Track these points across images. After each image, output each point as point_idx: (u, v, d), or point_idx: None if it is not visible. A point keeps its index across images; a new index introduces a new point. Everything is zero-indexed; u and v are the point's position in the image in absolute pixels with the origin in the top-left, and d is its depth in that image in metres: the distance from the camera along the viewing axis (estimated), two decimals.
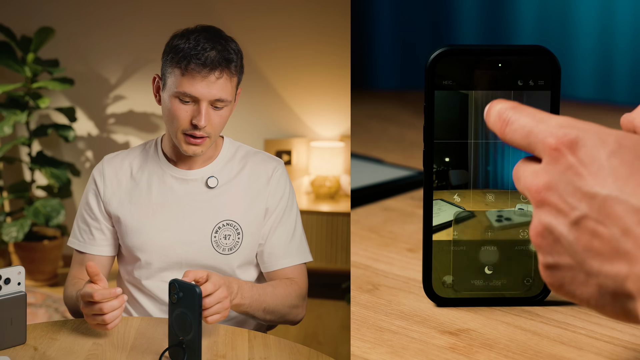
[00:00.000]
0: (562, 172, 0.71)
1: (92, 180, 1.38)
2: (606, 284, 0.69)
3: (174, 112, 1.28)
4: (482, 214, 0.98)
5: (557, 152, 0.72)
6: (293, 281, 1.35)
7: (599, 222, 0.68)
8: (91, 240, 1.37)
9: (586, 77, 2.31)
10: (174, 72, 1.28)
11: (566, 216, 0.71)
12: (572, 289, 0.73)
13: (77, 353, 1.11)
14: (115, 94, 3.57)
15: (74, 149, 3.57)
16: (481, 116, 0.96)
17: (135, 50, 3.52)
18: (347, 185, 3.48)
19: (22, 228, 3.12)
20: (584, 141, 0.71)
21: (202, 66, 1.25)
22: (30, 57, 3.14)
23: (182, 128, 1.28)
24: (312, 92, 3.55)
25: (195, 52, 1.25)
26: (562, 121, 0.74)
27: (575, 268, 0.71)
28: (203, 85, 1.26)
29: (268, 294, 1.29)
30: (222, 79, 1.27)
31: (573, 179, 0.70)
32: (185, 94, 1.26)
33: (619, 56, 2.26)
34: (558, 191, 0.71)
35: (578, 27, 2.30)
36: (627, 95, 2.27)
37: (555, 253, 0.72)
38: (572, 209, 0.70)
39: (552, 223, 0.72)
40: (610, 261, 0.68)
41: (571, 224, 0.70)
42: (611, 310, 0.71)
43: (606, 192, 0.68)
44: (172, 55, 1.28)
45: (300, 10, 3.50)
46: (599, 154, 0.70)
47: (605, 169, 0.69)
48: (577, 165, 0.70)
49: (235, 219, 1.33)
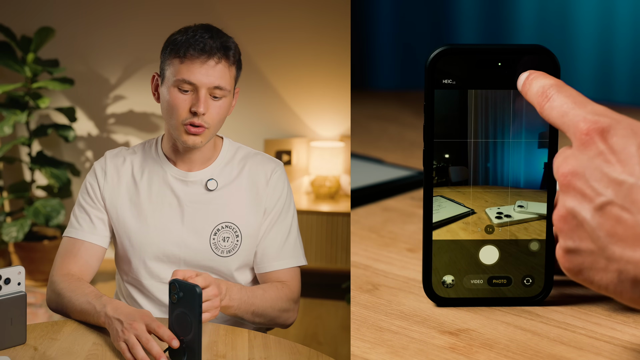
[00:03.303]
0: (591, 158, 0.72)
1: (93, 173, 1.38)
2: (627, 269, 0.70)
3: (173, 102, 1.28)
4: (481, 211, 0.98)
5: (588, 137, 0.73)
6: (284, 284, 1.35)
7: (624, 208, 0.69)
8: (91, 228, 1.35)
9: (586, 77, 2.31)
10: (172, 63, 1.28)
11: (591, 201, 0.71)
12: (591, 274, 0.73)
13: (77, 353, 1.11)
14: (115, 94, 3.57)
15: (74, 149, 3.57)
16: (481, 114, 0.96)
17: (135, 50, 3.52)
18: (347, 185, 3.48)
19: (22, 228, 3.12)
20: (616, 130, 0.72)
21: (200, 51, 1.26)
22: (30, 57, 3.15)
23: (181, 118, 1.28)
24: (312, 92, 3.55)
25: (193, 40, 1.27)
26: (597, 109, 0.75)
27: (596, 253, 0.72)
28: (202, 72, 1.26)
29: (257, 296, 1.29)
30: (220, 64, 1.27)
31: (601, 165, 0.71)
32: (184, 81, 1.27)
33: (619, 56, 2.26)
34: (584, 176, 0.72)
35: (578, 27, 2.30)
36: (627, 95, 2.27)
37: (576, 237, 0.73)
38: (597, 194, 0.71)
39: (576, 207, 0.72)
40: (633, 247, 0.69)
41: (595, 209, 0.71)
42: (629, 296, 0.71)
43: (633, 180, 0.69)
44: (171, 47, 1.29)
45: (300, 10, 3.50)
46: (630, 143, 0.71)
47: (634, 158, 0.70)
48: (606, 152, 0.71)
49: (235, 222, 1.33)
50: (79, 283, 1.26)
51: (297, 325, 2.88)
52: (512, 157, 0.97)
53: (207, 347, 1.13)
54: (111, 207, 1.35)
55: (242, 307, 1.25)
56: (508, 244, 0.99)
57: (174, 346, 1.06)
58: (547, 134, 0.95)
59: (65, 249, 1.35)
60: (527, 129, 0.96)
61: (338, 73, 3.47)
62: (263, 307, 1.29)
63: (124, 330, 1.09)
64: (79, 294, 1.22)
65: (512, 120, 0.96)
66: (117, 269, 1.41)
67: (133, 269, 1.35)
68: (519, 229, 0.98)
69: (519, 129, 0.96)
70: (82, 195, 1.38)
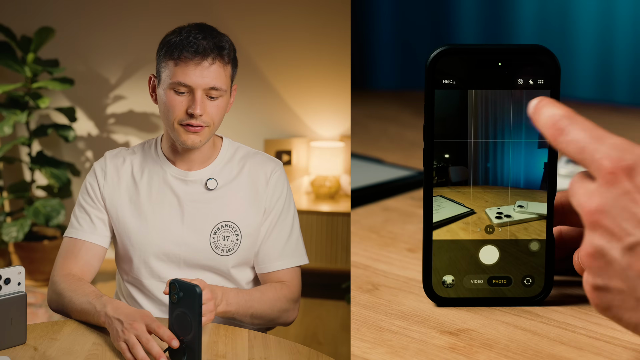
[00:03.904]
0: (618, 197, 0.71)
1: (93, 173, 1.38)
2: None
3: (170, 103, 1.28)
4: (482, 211, 0.98)
5: (613, 176, 0.72)
6: (284, 285, 1.35)
7: None
8: (91, 228, 1.35)
9: (586, 77, 2.31)
10: (167, 65, 1.28)
11: (620, 240, 0.71)
12: (620, 313, 0.73)
13: (77, 353, 1.11)
14: (115, 94, 3.57)
15: (74, 149, 3.57)
16: (481, 114, 0.96)
17: (135, 50, 3.52)
18: (347, 185, 3.48)
19: (22, 228, 3.12)
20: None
21: (194, 53, 1.26)
22: (30, 57, 3.14)
23: (178, 119, 1.28)
24: (312, 92, 3.55)
25: (187, 42, 1.27)
26: (618, 143, 0.73)
27: (626, 292, 0.72)
28: (196, 73, 1.26)
29: (255, 299, 1.29)
30: (215, 65, 1.27)
31: (629, 205, 0.70)
32: (179, 84, 1.27)
33: (619, 56, 2.26)
34: (612, 215, 0.71)
35: (578, 27, 2.30)
36: (627, 95, 2.27)
37: (605, 276, 0.73)
38: (627, 234, 0.70)
39: (605, 246, 0.72)
40: None
41: (625, 249, 0.70)
42: None
43: None
44: (165, 49, 1.29)
45: (300, 10, 3.50)
46: None
47: None
48: (634, 192, 0.71)
49: (234, 221, 1.33)
50: (80, 283, 1.26)
51: (297, 325, 2.88)
52: (512, 157, 0.97)
53: (207, 347, 1.13)
54: (111, 207, 1.35)
55: (240, 311, 1.26)
56: (508, 244, 0.98)
57: (174, 346, 1.06)
58: None
59: (66, 250, 1.35)
60: (527, 129, 0.96)
61: (338, 73, 3.47)
62: (262, 310, 1.29)
63: (124, 330, 1.09)
64: (80, 293, 1.22)
65: (512, 120, 0.96)
66: (118, 269, 1.41)
67: (133, 269, 1.35)
68: (519, 229, 0.98)
69: (518, 129, 0.96)
70: (82, 196, 1.38)
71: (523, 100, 0.95)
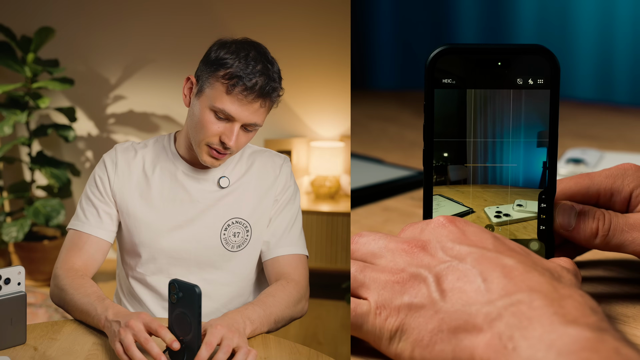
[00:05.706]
0: None
1: (103, 166, 1.36)
2: None
3: (205, 123, 1.26)
4: (481, 210, 0.98)
5: None
6: (287, 280, 1.32)
7: None
8: (98, 223, 1.34)
9: (586, 77, 2.32)
10: (215, 86, 1.25)
11: None
12: None
13: (77, 353, 1.11)
14: (115, 94, 3.57)
15: (74, 149, 3.57)
16: (480, 114, 0.96)
17: (135, 50, 3.52)
18: (347, 185, 3.48)
19: (22, 228, 3.12)
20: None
21: (249, 91, 1.23)
22: (30, 57, 3.15)
23: (207, 141, 1.27)
24: (312, 92, 3.55)
25: (244, 74, 1.23)
26: None
27: None
28: (244, 110, 1.24)
29: (270, 305, 1.23)
30: (264, 107, 1.26)
31: None
32: (223, 112, 1.24)
33: (619, 56, 2.26)
34: None
35: (578, 27, 2.30)
36: (627, 95, 2.27)
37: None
38: None
39: None
40: None
41: None
42: None
43: None
44: (218, 68, 1.25)
45: (300, 10, 3.50)
46: None
47: None
48: None
49: (245, 217, 1.34)
50: (83, 281, 1.26)
51: (297, 325, 2.88)
52: (511, 156, 0.97)
53: None
54: (121, 201, 1.35)
55: (264, 322, 1.20)
56: None
57: (174, 348, 1.06)
58: (546, 133, 0.95)
59: (71, 242, 1.34)
60: (526, 128, 0.96)
61: (338, 73, 3.47)
62: (281, 311, 1.25)
63: (120, 330, 1.08)
64: (82, 293, 1.22)
65: (511, 119, 0.96)
66: (122, 265, 1.40)
67: (141, 264, 1.35)
68: (518, 228, 0.98)
69: (518, 128, 0.96)
70: (90, 188, 1.36)
71: (522, 99, 0.95)
